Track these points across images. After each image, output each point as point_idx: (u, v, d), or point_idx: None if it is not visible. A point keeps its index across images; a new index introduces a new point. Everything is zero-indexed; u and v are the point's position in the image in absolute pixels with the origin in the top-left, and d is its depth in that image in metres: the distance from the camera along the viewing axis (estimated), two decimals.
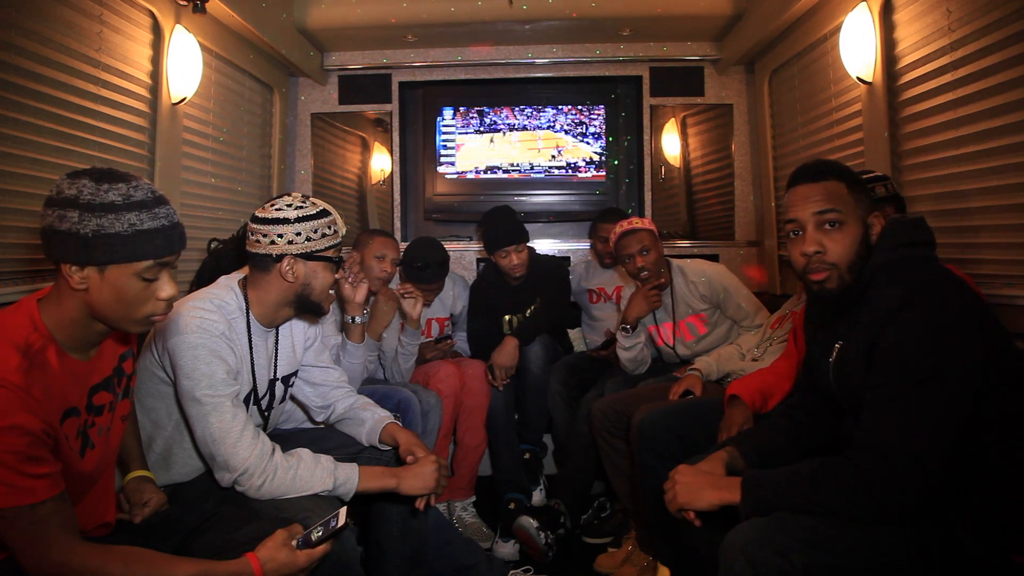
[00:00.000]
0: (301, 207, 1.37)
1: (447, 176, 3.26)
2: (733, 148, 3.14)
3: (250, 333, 1.40)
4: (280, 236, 1.34)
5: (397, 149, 3.26)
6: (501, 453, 2.34)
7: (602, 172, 3.22)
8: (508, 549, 2.13)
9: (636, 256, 2.09)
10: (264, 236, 1.35)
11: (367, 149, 3.40)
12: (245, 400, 1.40)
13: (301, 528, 1.14)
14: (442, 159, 3.26)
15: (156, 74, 2.07)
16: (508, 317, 2.58)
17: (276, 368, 1.49)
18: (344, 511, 1.14)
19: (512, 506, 2.20)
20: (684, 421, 1.70)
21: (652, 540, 1.83)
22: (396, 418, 1.57)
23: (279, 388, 1.51)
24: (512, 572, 1.90)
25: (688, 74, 3.16)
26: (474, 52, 3.14)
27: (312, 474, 1.30)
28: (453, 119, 3.25)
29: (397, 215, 3.26)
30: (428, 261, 2.30)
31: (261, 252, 1.35)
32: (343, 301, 1.86)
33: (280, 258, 1.35)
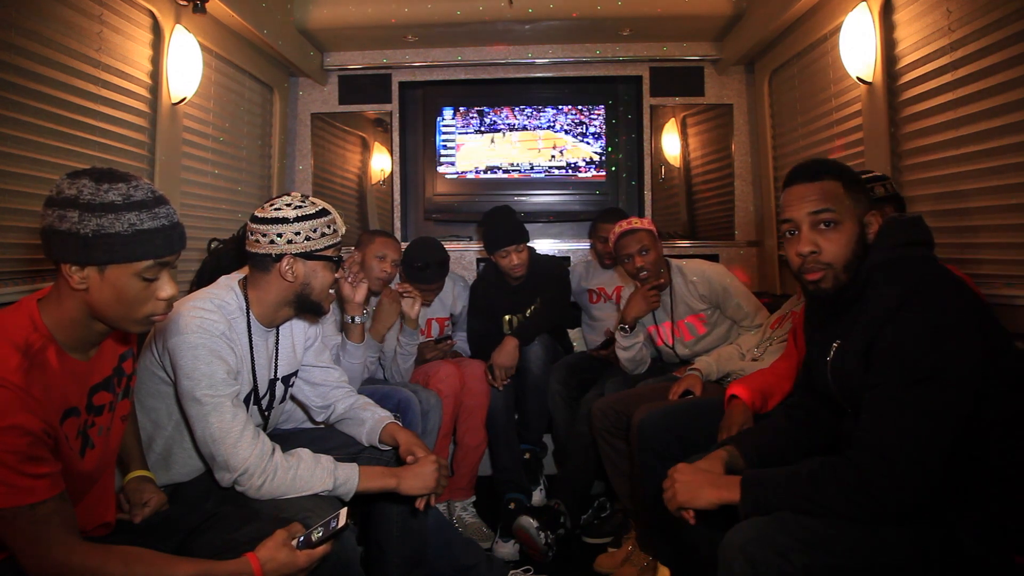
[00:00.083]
0: (300, 206, 1.37)
1: (447, 176, 3.26)
2: (733, 148, 3.14)
3: (250, 333, 1.40)
4: (279, 236, 1.34)
5: (397, 149, 3.26)
6: (501, 453, 2.34)
7: (602, 172, 3.22)
8: (508, 549, 2.13)
9: (635, 256, 2.08)
10: (263, 236, 1.35)
11: (367, 149, 3.40)
12: (245, 400, 1.40)
13: (301, 528, 1.14)
14: (442, 159, 3.26)
15: (156, 74, 2.07)
16: (508, 317, 2.58)
17: (276, 368, 1.49)
18: (344, 511, 1.14)
19: (512, 506, 2.19)
20: (684, 421, 1.70)
21: (652, 540, 1.82)
22: (396, 418, 1.57)
23: (279, 388, 1.51)
24: (512, 572, 1.90)
25: (688, 74, 3.16)
26: (474, 52, 3.14)
27: (312, 474, 1.30)
28: (453, 119, 3.25)
29: (397, 215, 3.26)
30: (428, 261, 2.30)
31: (261, 252, 1.36)
32: (343, 301, 1.86)
33: (280, 258, 1.35)
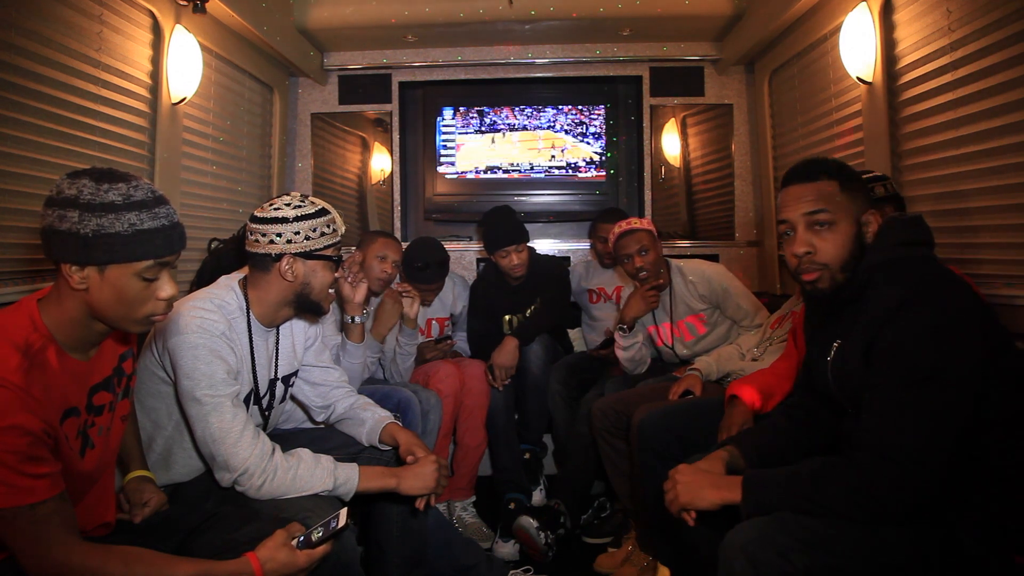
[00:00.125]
0: (300, 206, 1.37)
1: (447, 176, 3.26)
2: (733, 148, 3.14)
3: (251, 333, 1.40)
4: (279, 235, 1.34)
5: (397, 149, 3.26)
6: (501, 453, 2.34)
7: (602, 172, 3.22)
8: (508, 549, 2.13)
9: (634, 256, 2.08)
10: (263, 236, 1.35)
11: (367, 149, 3.40)
12: (246, 400, 1.40)
13: (301, 528, 1.14)
14: (442, 159, 3.26)
15: (156, 74, 2.07)
16: (508, 317, 2.58)
17: (276, 368, 1.49)
18: (344, 511, 1.14)
19: (512, 506, 2.19)
20: (684, 421, 1.70)
21: (652, 540, 1.82)
22: (396, 418, 1.57)
23: (279, 388, 1.51)
24: (512, 572, 1.90)
25: (688, 74, 3.16)
26: (474, 52, 3.14)
27: (312, 474, 1.30)
28: (453, 119, 3.25)
29: (397, 215, 3.26)
30: (428, 261, 2.30)
31: (260, 252, 1.35)
32: (342, 301, 1.86)
33: (279, 257, 1.35)
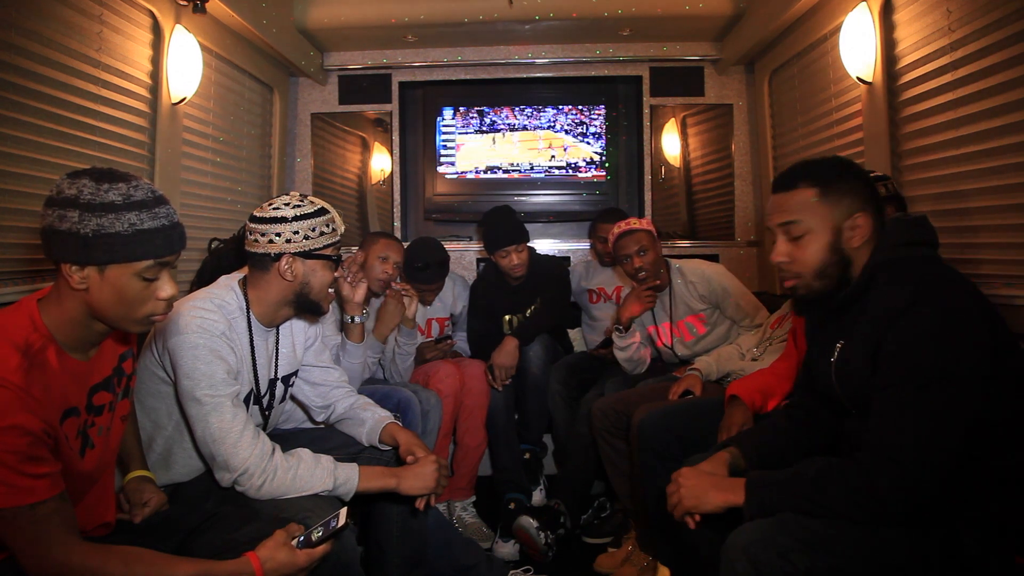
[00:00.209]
0: (299, 206, 1.37)
1: (447, 176, 3.26)
2: (733, 148, 3.14)
3: (251, 333, 1.40)
4: (278, 235, 1.34)
5: (397, 149, 3.26)
6: (501, 453, 2.34)
7: (602, 172, 3.22)
8: (508, 549, 2.12)
9: (634, 256, 2.08)
10: (262, 235, 1.35)
11: (367, 149, 3.40)
12: (246, 400, 1.40)
13: (301, 528, 1.14)
14: (442, 159, 3.26)
15: (156, 74, 2.07)
16: (508, 317, 2.58)
17: (276, 368, 1.49)
18: (344, 511, 1.14)
19: (512, 506, 2.19)
20: (684, 421, 1.70)
21: (652, 540, 1.82)
22: (396, 418, 1.57)
23: (279, 388, 1.51)
24: (512, 572, 1.90)
25: (688, 74, 3.15)
26: (474, 52, 3.14)
27: (312, 474, 1.30)
28: (453, 119, 3.25)
29: (397, 215, 3.26)
30: (428, 261, 2.30)
31: (260, 251, 1.35)
32: (342, 301, 1.86)
33: (278, 257, 1.35)
